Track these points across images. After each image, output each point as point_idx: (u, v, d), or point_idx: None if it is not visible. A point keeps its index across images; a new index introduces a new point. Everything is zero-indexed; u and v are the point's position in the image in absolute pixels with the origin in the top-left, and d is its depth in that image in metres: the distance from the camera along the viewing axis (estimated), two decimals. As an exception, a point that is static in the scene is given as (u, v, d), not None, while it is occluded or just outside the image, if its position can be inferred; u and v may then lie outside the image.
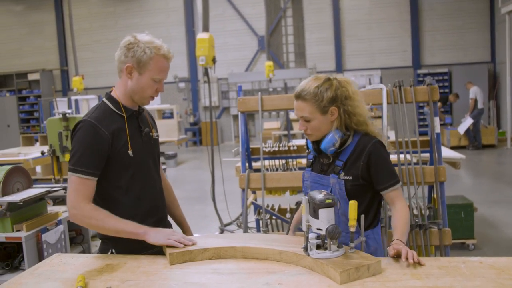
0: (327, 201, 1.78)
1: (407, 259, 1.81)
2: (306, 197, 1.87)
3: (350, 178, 2.13)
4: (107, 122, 2.16)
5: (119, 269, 1.98)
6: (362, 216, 1.91)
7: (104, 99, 2.27)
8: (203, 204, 8.10)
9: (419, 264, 1.81)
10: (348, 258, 1.79)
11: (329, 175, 2.19)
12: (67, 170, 2.15)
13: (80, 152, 2.10)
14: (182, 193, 9.29)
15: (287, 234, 2.50)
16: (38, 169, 8.96)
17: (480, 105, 12.66)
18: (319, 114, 2.13)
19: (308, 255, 1.84)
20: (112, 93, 2.27)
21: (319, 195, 1.81)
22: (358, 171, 2.13)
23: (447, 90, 15.68)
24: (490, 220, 6.18)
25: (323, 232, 1.80)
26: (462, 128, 12.73)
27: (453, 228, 4.97)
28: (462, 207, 5.06)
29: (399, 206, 2.11)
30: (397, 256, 1.87)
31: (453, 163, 5.27)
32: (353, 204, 1.83)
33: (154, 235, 2.11)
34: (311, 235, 1.90)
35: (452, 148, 12.16)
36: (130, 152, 2.20)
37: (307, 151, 2.38)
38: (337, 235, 1.77)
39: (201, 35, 6.23)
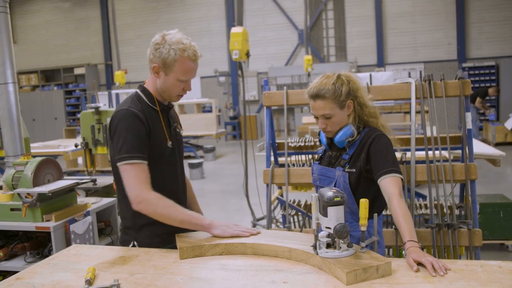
0: (335, 199, 1.73)
1: (435, 270, 1.68)
2: (316, 194, 1.82)
3: (354, 170, 2.20)
4: (144, 111, 2.19)
5: (130, 261, 2.00)
6: (375, 215, 1.85)
7: (138, 91, 2.29)
8: (237, 197, 8.13)
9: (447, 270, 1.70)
10: (357, 258, 1.74)
11: (335, 168, 2.27)
12: (118, 162, 2.12)
13: (130, 139, 2.10)
14: (218, 187, 9.37)
15: (301, 230, 2.47)
16: (80, 160, 9.23)
17: None
18: (338, 109, 2.22)
19: (317, 254, 1.79)
20: (145, 86, 2.30)
21: (328, 193, 1.76)
22: (361, 163, 2.20)
23: (494, 84, 15.04)
24: (533, 221, 5.89)
25: (331, 231, 1.75)
26: (509, 123, 12.19)
27: (491, 228, 4.82)
28: (501, 206, 4.85)
29: (395, 199, 2.01)
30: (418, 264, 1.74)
31: (493, 160, 5.05)
32: (364, 203, 1.77)
33: (219, 228, 2.11)
34: (321, 233, 1.85)
35: (498, 144, 11.69)
36: (169, 143, 2.24)
37: (319, 146, 2.47)
38: (345, 234, 1.71)
39: (234, 29, 6.23)
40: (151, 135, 2.18)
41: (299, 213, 3.87)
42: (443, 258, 2.90)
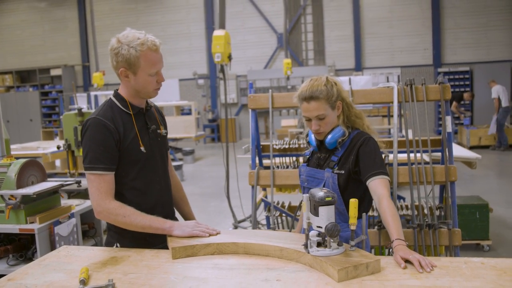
0: (327, 199, 1.79)
1: (422, 267, 1.75)
2: (307, 194, 1.87)
3: (343, 172, 2.27)
4: (115, 119, 2.20)
5: (123, 262, 2.01)
6: (364, 215, 1.91)
7: (111, 97, 2.30)
8: (218, 200, 8.14)
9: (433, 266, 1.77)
10: (348, 256, 1.79)
11: (324, 169, 2.33)
12: (84, 170, 2.18)
13: (94, 149, 2.13)
14: (198, 189, 9.36)
15: (290, 231, 2.53)
16: (58, 163, 9.13)
17: (504, 103, 12.35)
18: (330, 110, 2.30)
19: (308, 252, 1.84)
20: (119, 91, 2.30)
21: (319, 193, 1.81)
22: (349, 165, 2.26)
23: (468, 89, 15.41)
24: (507, 221, 6.08)
25: (323, 230, 1.80)
26: (491, 129, 12.53)
27: (467, 229, 4.95)
28: (477, 208, 4.99)
29: (385, 200, 2.07)
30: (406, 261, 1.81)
31: (469, 163, 5.19)
32: (353, 203, 1.83)
33: (179, 229, 2.17)
34: (312, 233, 1.90)
35: (472, 148, 11.98)
36: (142, 148, 2.24)
37: (307, 148, 2.55)
38: (336, 233, 1.77)
39: (217, 32, 6.25)
40: (123, 141, 2.19)
41: (283, 215, 3.92)
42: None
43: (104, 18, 18.12)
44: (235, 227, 6.30)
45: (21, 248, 3.45)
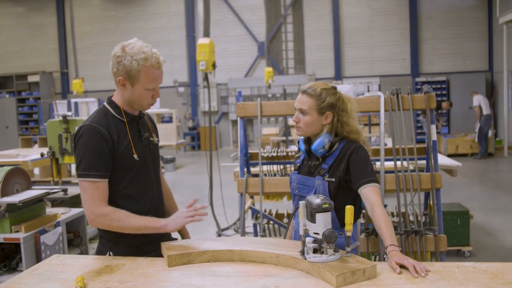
0: (324, 206, 1.81)
1: (417, 272, 1.79)
2: (304, 202, 1.90)
3: (334, 180, 2.29)
4: (109, 126, 2.19)
5: (118, 270, 2.00)
6: (358, 222, 1.95)
7: (105, 104, 2.29)
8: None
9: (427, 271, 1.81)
10: (344, 262, 1.82)
11: (315, 177, 2.35)
12: (77, 177, 2.16)
13: (88, 156, 2.12)
14: (179, 197, 9.26)
15: (284, 238, 2.55)
16: (36, 171, 8.99)
17: (485, 111, 12.62)
18: (315, 113, 2.33)
19: (305, 259, 1.86)
20: (113, 98, 2.30)
21: (316, 200, 1.84)
22: (340, 173, 2.29)
23: (445, 99, 15.73)
24: (486, 228, 6.21)
25: (320, 236, 1.82)
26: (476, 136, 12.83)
27: (449, 235, 5.01)
28: (458, 214, 5.09)
29: (378, 207, 2.11)
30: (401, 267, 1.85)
31: (450, 171, 5.30)
32: (349, 209, 1.86)
33: (173, 223, 2.18)
34: (308, 239, 1.93)
35: (449, 156, 12.21)
36: (135, 156, 2.24)
37: (297, 155, 2.57)
38: (333, 239, 1.79)
39: (201, 40, 6.27)
40: (117, 149, 2.19)
41: (271, 222, 3.94)
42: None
43: (83, 25, 17.95)
44: (219, 235, 6.28)
45: (5, 258, 3.39)
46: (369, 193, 2.16)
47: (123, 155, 2.21)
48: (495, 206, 7.52)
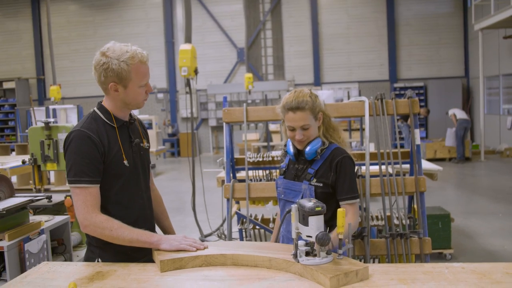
0: (316, 209, 1.84)
1: None
2: (296, 205, 1.92)
3: (321, 185, 2.36)
4: (99, 131, 2.17)
5: (110, 276, 1.98)
6: (349, 224, 1.97)
7: (95, 109, 2.27)
8: (182, 214, 8.08)
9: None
10: (337, 264, 1.85)
11: (302, 182, 2.40)
12: (68, 184, 2.14)
13: (78, 162, 2.10)
14: (161, 204, 9.23)
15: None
16: (14, 179, 8.80)
17: (459, 116, 12.86)
18: (314, 121, 2.40)
19: (298, 262, 1.88)
20: (103, 103, 2.28)
21: (309, 203, 1.87)
22: (328, 180, 2.36)
23: (422, 104, 16.02)
24: (466, 231, 6.34)
25: (312, 239, 1.85)
26: (447, 141, 13.06)
27: (431, 238, 5.11)
28: (439, 218, 5.18)
29: (349, 218, 2.29)
30: None
31: (431, 175, 5.39)
32: (341, 212, 1.88)
33: (167, 242, 2.15)
34: (300, 242, 1.95)
35: (428, 160, 12.40)
36: (125, 162, 2.22)
37: (281, 158, 2.66)
38: (326, 242, 1.82)
39: (183, 46, 6.27)
40: (107, 154, 2.17)
41: (256, 227, 3.95)
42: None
43: (60, 30, 17.73)
44: (202, 241, 6.25)
45: (-12, 267, 3.33)
46: (347, 211, 2.27)
47: (113, 161, 2.20)
48: (474, 210, 7.68)
